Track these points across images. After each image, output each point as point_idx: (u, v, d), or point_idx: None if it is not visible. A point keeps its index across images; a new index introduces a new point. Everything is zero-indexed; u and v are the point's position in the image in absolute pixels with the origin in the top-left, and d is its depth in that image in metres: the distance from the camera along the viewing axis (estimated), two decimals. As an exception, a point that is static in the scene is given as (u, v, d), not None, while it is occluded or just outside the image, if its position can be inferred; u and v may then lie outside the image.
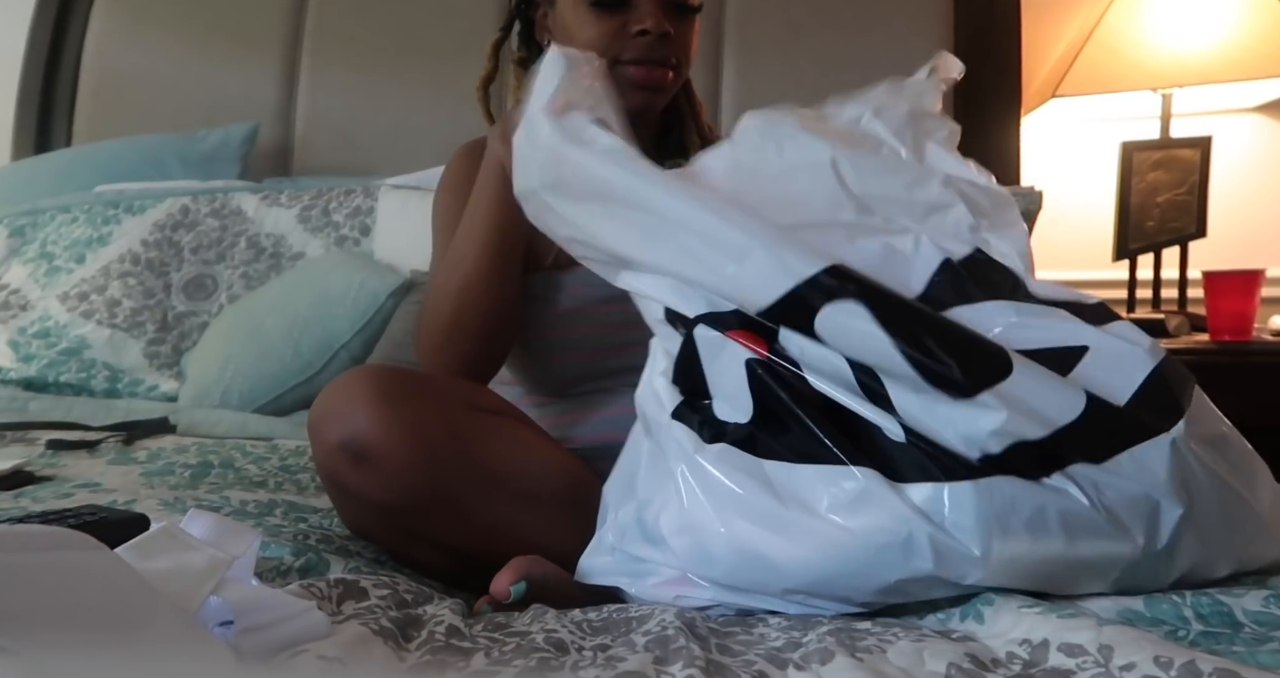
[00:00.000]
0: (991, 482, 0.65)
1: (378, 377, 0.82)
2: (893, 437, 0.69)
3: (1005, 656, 0.60)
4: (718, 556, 0.71)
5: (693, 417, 0.76)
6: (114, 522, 0.71)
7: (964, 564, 0.65)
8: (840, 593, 0.69)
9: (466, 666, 0.57)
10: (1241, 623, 0.65)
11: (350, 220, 1.80)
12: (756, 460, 0.71)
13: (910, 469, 0.67)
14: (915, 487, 0.67)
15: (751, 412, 0.73)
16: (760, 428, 0.72)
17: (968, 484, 0.65)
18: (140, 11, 2.24)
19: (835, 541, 0.67)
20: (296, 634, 0.55)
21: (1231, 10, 1.74)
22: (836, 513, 0.67)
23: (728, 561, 0.71)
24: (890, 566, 0.66)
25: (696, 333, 0.77)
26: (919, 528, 0.65)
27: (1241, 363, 1.57)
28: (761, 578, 0.70)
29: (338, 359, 1.55)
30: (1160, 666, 0.54)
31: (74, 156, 2.11)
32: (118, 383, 1.64)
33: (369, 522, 0.86)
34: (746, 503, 0.70)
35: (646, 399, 0.81)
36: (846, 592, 0.69)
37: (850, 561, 0.67)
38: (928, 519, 0.65)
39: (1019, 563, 0.66)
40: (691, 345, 0.77)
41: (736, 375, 0.73)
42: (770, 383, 0.72)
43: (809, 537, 0.68)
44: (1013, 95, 1.83)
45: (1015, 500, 0.65)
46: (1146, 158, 1.82)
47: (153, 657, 0.45)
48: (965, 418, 0.66)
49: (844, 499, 0.67)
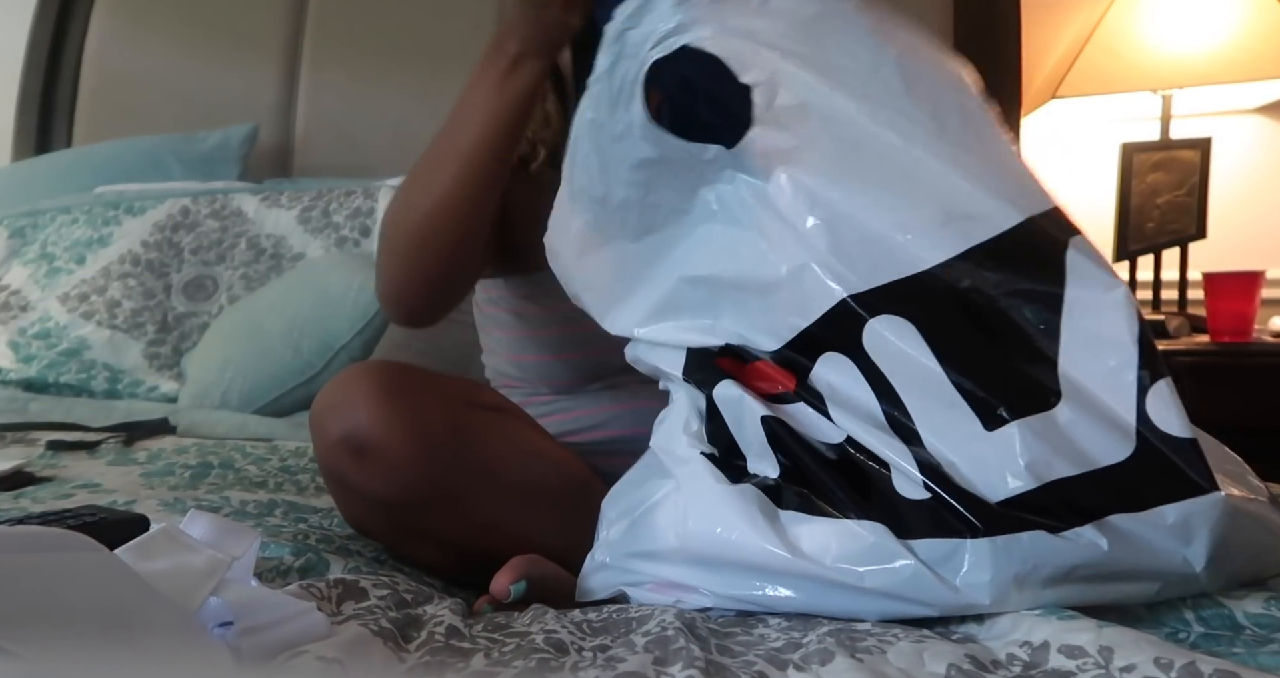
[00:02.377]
0: (1012, 540, 0.62)
1: (380, 372, 0.82)
2: (905, 493, 0.66)
3: (1005, 657, 0.60)
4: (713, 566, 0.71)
5: (724, 463, 0.74)
6: (114, 522, 0.71)
7: (970, 609, 0.65)
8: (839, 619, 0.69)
9: (466, 666, 0.57)
10: (1242, 625, 0.65)
11: (350, 221, 1.80)
12: (774, 508, 0.70)
13: (922, 525, 0.65)
14: (926, 542, 0.64)
15: (779, 469, 0.71)
16: (787, 482, 0.71)
17: (985, 542, 0.63)
18: (141, 13, 2.24)
19: (837, 585, 0.66)
20: (296, 635, 0.55)
21: (1232, 12, 1.74)
22: (843, 563, 0.66)
23: (722, 570, 0.71)
24: (893, 610, 0.66)
25: (716, 394, 0.75)
26: (927, 584, 0.64)
27: (1241, 364, 1.57)
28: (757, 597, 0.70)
29: (338, 360, 1.55)
30: (1161, 667, 0.54)
31: (74, 157, 2.11)
32: (118, 384, 1.64)
33: (369, 518, 0.86)
34: (754, 538, 0.69)
35: (671, 443, 0.78)
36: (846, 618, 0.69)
37: (851, 607, 0.67)
38: (938, 577, 0.64)
39: (1027, 604, 0.64)
40: (714, 407, 0.75)
41: (757, 432, 0.72)
42: (784, 436, 0.71)
43: (811, 582, 0.67)
44: (1013, 96, 1.83)
45: (1037, 559, 0.63)
46: (1146, 159, 1.82)
47: (152, 658, 0.45)
48: (999, 451, 0.64)
49: (852, 551, 0.66)
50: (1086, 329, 0.67)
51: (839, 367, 0.70)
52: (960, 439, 0.65)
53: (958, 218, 0.69)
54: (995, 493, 0.64)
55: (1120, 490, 0.64)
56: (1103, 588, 0.65)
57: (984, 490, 0.64)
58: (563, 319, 1.03)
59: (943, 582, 0.64)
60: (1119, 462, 0.64)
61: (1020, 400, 0.66)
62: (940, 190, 0.70)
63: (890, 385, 0.68)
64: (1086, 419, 0.65)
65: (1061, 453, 0.64)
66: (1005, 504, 0.64)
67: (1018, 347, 0.67)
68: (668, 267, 0.78)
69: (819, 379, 0.71)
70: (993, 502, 0.64)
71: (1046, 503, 0.64)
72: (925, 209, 0.69)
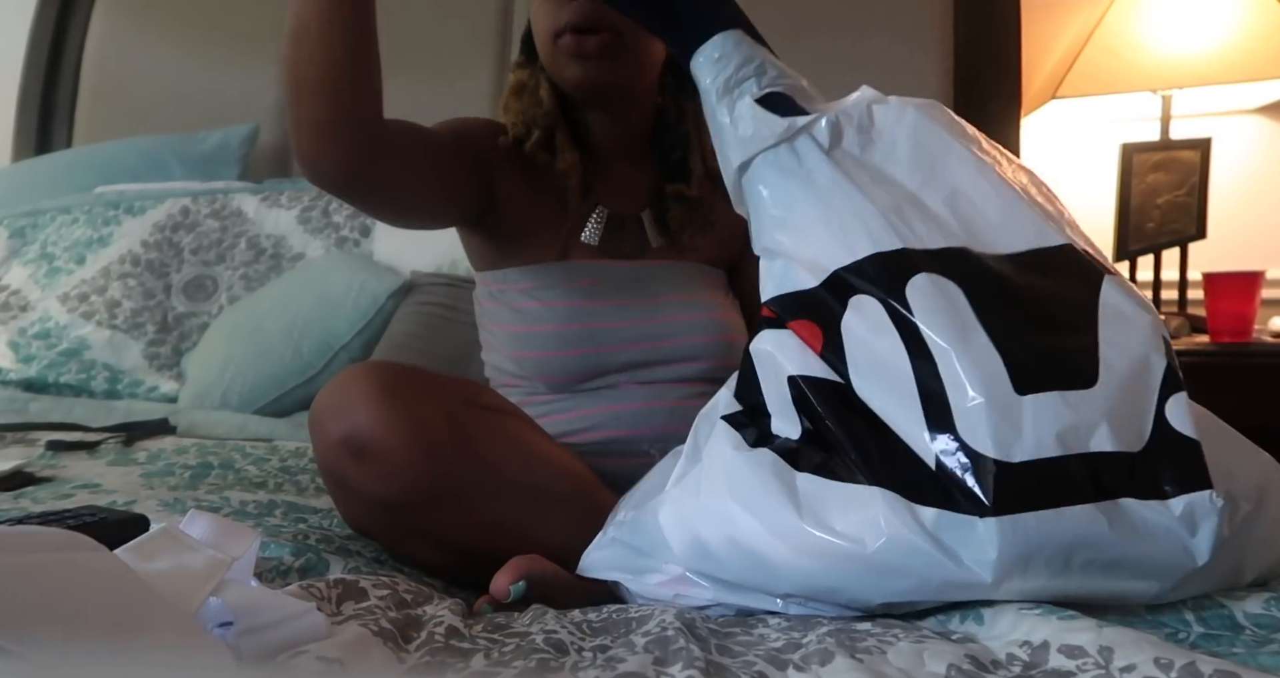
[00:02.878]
0: (1018, 519, 0.63)
1: (379, 372, 0.82)
2: (925, 458, 0.67)
3: (1005, 657, 0.60)
4: (714, 550, 0.71)
5: (746, 425, 0.76)
6: (113, 523, 0.72)
7: (972, 590, 0.65)
8: (840, 601, 0.69)
9: (466, 667, 0.57)
10: (1242, 625, 0.65)
11: (350, 221, 1.80)
12: (791, 471, 0.71)
13: (934, 494, 0.65)
14: (936, 513, 0.65)
15: (800, 429, 0.73)
16: (807, 444, 0.72)
17: (993, 521, 0.63)
18: (141, 13, 2.24)
19: (842, 556, 0.66)
20: (296, 635, 0.55)
21: (1231, 12, 1.74)
22: (849, 530, 0.66)
23: (724, 556, 0.71)
24: (894, 586, 0.66)
25: (753, 348, 0.78)
26: (931, 557, 0.64)
27: (1241, 365, 1.57)
28: (758, 578, 0.70)
29: (338, 360, 1.55)
30: (1161, 667, 0.54)
31: (74, 158, 2.11)
32: (118, 384, 1.64)
33: (369, 518, 0.86)
34: (765, 506, 0.69)
35: (703, 423, 0.81)
36: (846, 601, 0.69)
37: (853, 577, 0.67)
38: (944, 549, 0.64)
39: (1027, 593, 0.65)
40: (749, 361, 0.78)
41: (784, 391, 0.74)
42: (810, 396, 0.72)
43: (816, 549, 0.67)
44: (1013, 96, 1.83)
45: (1041, 540, 0.63)
46: (1146, 159, 1.82)
47: (152, 658, 0.45)
48: (1032, 415, 0.65)
49: (860, 519, 0.66)
50: (1120, 329, 0.71)
51: (870, 315, 0.71)
52: (993, 400, 0.66)
53: (1011, 224, 0.75)
54: (1016, 454, 0.64)
55: (1133, 476, 0.65)
56: (1104, 582, 0.65)
57: (1004, 451, 0.65)
58: (561, 315, 1.03)
59: (949, 556, 0.64)
60: (1136, 451, 0.66)
61: (1062, 373, 0.68)
62: (998, 202, 0.77)
63: (922, 338, 0.69)
64: (1117, 405, 0.67)
65: (1088, 428, 0.66)
66: (1025, 467, 0.64)
67: (1060, 329, 0.70)
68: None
69: (849, 331, 0.72)
70: (1012, 461, 0.64)
71: (1065, 474, 0.64)
72: (985, 211, 0.76)
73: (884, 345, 0.70)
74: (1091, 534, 0.63)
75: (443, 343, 1.53)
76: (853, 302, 0.72)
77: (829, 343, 0.73)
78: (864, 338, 0.71)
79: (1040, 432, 0.65)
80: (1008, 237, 0.75)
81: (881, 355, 0.70)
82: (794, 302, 0.76)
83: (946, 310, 0.69)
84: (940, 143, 0.80)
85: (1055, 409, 0.66)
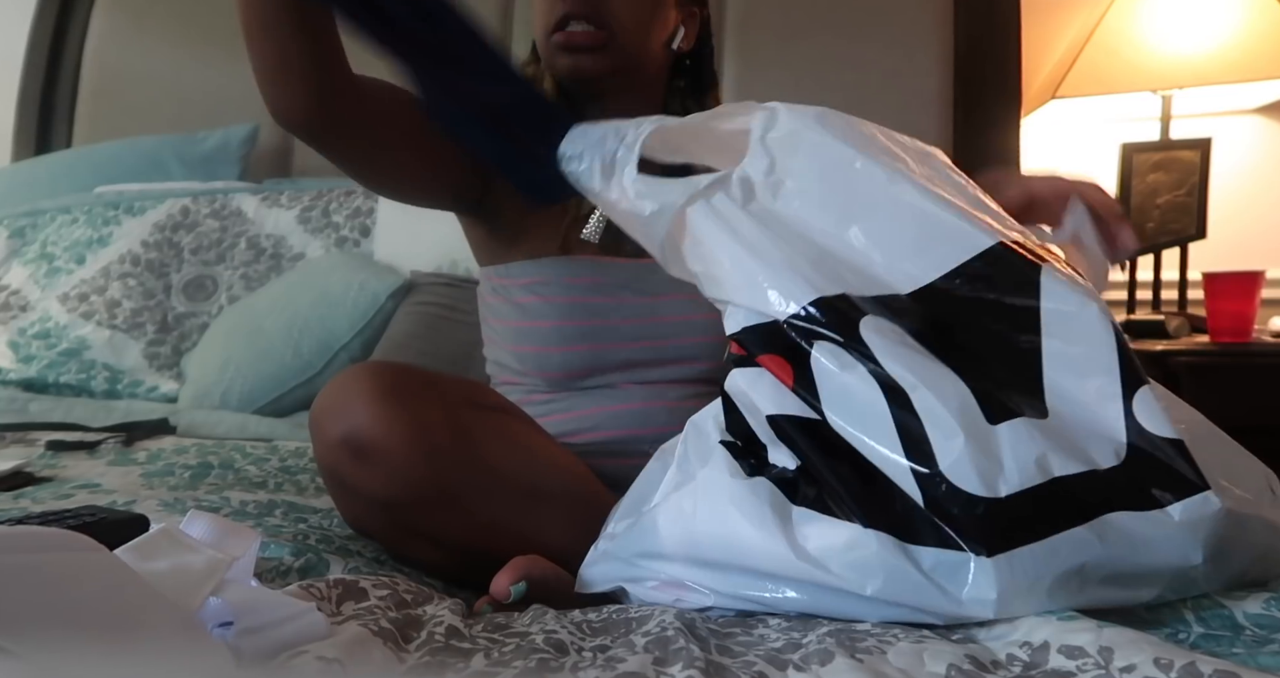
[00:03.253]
0: (1013, 556, 0.63)
1: (379, 373, 0.82)
2: (913, 495, 0.66)
3: (1005, 657, 0.60)
4: (714, 567, 0.71)
5: (743, 454, 0.75)
6: (113, 523, 0.72)
7: (973, 620, 0.65)
8: (840, 618, 0.69)
9: (466, 667, 0.57)
10: (1242, 625, 0.65)
11: (350, 221, 1.80)
12: (788, 504, 0.70)
13: (928, 533, 0.65)
14: (932, 552, 0.65)
15: (797, 462, 0.72)
16: (804, 475, 0.71)
17: (988, 562, 0.63)
18: (141, 13, 2.24)
19: (840, 591, 0.66)
20: (296, 635, 0.55)
21: (1231, 12, 1.74)
22: (846, 571, 0.66)
23: (724, 573, 0.71)
24: (894, 614, 0.66)
25: (728, 386, 0.77)
26: (930, 595, 0.64)
27: (1241, 364, 1.57)
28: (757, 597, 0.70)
29: (338, 360, 1.55)
30: (1160, 668, 0.54)
31: (74, 158, 2.11)
32: (118, 384, 1.64)
33: (369, 518, 0.86)
34: (760, 539, 0.69)
35: (704, 427, 0.79)
36: (847, 619, 0.69)
37: (850, 607, 0.67)
38: (942, 590, 0.64)
39: (1031, 610, 0.64)
40: (729, 398, 0.77)
41: (767, 429, 0.73)
42: (791, 435, 0.71)
43: (813, 583, 0.67)
44: (1013, 96, 1.83)
45: (1039, 571, 0.63)
46: (1146, 159, 1.82)
47: (152, 658, 0.45)
48: (1008, 444, 0.65)
49: (856, 559, 0.66)
50: (1067, 332, 0.70)
51: (835, 354, 0.70)
52: (971, 434, 0.65)
53: (936, 242, 0.74)
54: (1001, 488, 0.64)
55: (1119, 490, 0.65)
56: (1104, 593, 0.65)
57: (990, 487, 0.64)
58: (562, 311, 1.03)
59: (946, 596, 0.64)
60: (1115, 465, 0.65)
61: (1020, 401, 0.68)
62: (915, 220, 0.74)
63: (890, 376, 0.68)
64: (1078, 429, 0.67)
65: (1063, 451, 0.65)
66: (1012, 501, 0.64)
67: (1009, 352, 0.70)
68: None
69: (818, 366, 0.71)
70: (999, 497, 0.64)
71: (1051, 500, 0.64)
72: (905, 233, 0.74)
73: (854, 382, 0.69)
74: (1088, 556, 0.63)
75: (443, 343, 1.53)
76: (816, 343, 0.71)
77: (800, 378, 0.71)
78: (834, 373, 0.70)
79: (1020, 461, 0.65)
80: (935, 257, 0.73)
81: (854, 393, 0.69)
82: (761, 334, 0.74)
83: (903, 347, 0.69)
84: (844, 161, 0.77)
85: (1028, 435, 0.65)
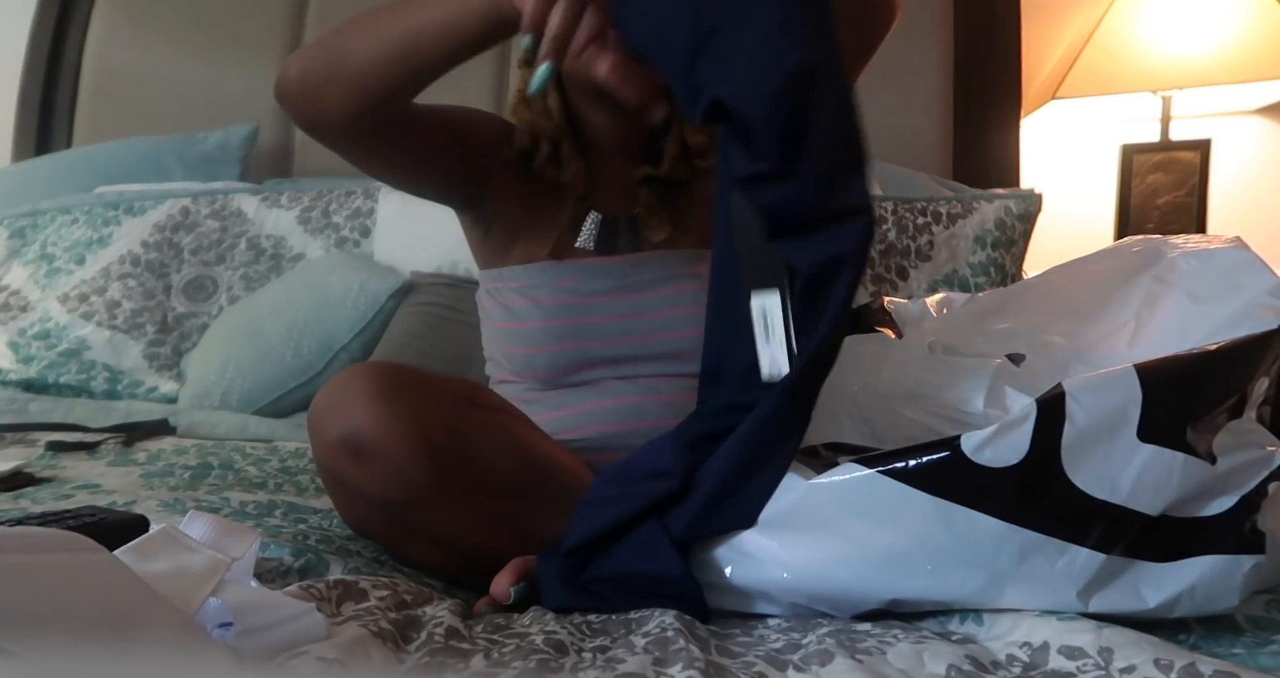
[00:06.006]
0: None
1: (378, 373, 0.82)
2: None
3: (1005, 658, 0.60)
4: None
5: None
6: (113, 523, 0.72)
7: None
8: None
9: (465, 667, 0.57)
10: (1242, 626, 0.65)
11: (350, 222, 1.80)
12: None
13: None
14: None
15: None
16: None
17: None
18: (141, 13, 2.24)
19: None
20: (295, 636, 0.55)
21: (1231, 13, 1.74)
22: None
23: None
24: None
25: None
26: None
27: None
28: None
29: (338, 361, 1.55)
30: (1161, 668, 0.54)
31: (74, 158, 2.11)
32: (118, 384, 1.64)
33: (368, 518, 0.86)
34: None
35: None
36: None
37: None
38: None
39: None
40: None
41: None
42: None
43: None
44: (1013, 97, 1.83)
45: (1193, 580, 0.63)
46: (1146, 160, 1.82)
47: (151, 659, 0.45)
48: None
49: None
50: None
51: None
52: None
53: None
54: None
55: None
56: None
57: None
58: (549, 311, 1.05)
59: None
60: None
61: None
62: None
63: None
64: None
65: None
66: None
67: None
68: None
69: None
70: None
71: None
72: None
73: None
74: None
75: (443, 343, 1.53)
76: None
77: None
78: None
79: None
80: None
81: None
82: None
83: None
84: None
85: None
